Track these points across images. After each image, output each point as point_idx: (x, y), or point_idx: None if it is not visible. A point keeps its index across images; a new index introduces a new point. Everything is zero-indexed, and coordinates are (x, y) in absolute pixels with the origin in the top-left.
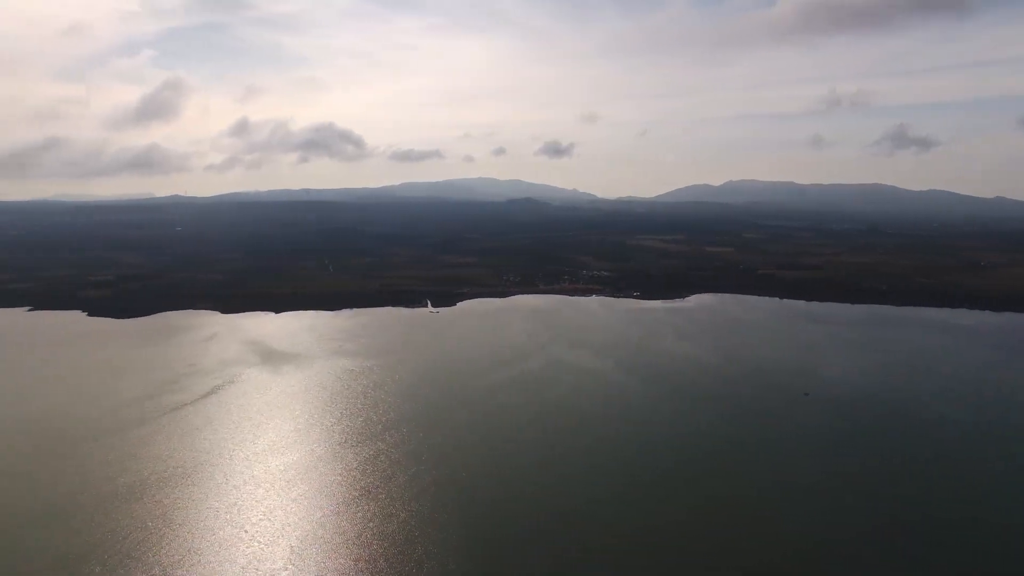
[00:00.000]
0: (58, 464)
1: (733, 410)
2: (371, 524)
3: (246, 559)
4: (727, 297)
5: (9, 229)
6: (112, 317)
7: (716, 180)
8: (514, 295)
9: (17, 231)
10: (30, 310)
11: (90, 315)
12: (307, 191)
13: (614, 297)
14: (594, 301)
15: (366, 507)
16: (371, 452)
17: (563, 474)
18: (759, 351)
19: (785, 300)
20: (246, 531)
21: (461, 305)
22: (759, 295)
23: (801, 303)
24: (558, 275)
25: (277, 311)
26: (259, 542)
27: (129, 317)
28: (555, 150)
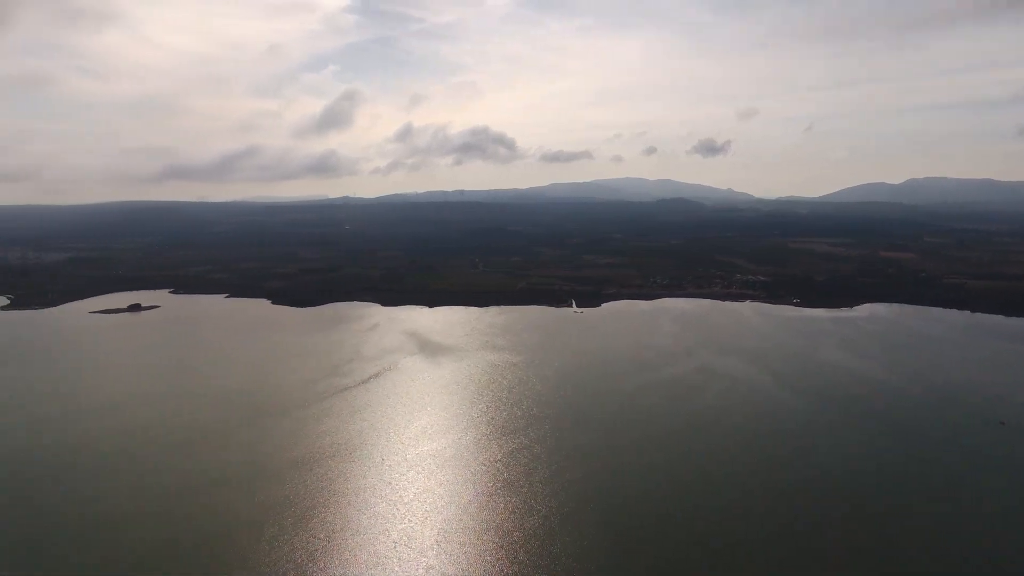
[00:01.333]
0: (246, 434)
1: (913, 437)
2: (512, 516)
3: (399, 534)
4: (905, 308)
5: (215, 226)
6: (290, 306)
7: (895, 178)
8: (661, 298)
9: (220, 228)
10: (227, 297)
11: (273, 303)
12: (460, 192)
13: (770, 303)
14: (748, 307)
15: (508, 499)
16: (514, 446)
17: (703, 484)
18: (945, 371)
19: (977, 314)
20: (399, 508)
21: (606, 306)
22: (944, 307)
23: (999, 318)
24: (709, 278)
25: (431, 305)
26: (410, 520)
27: (304, 306)
28: (709, 148)
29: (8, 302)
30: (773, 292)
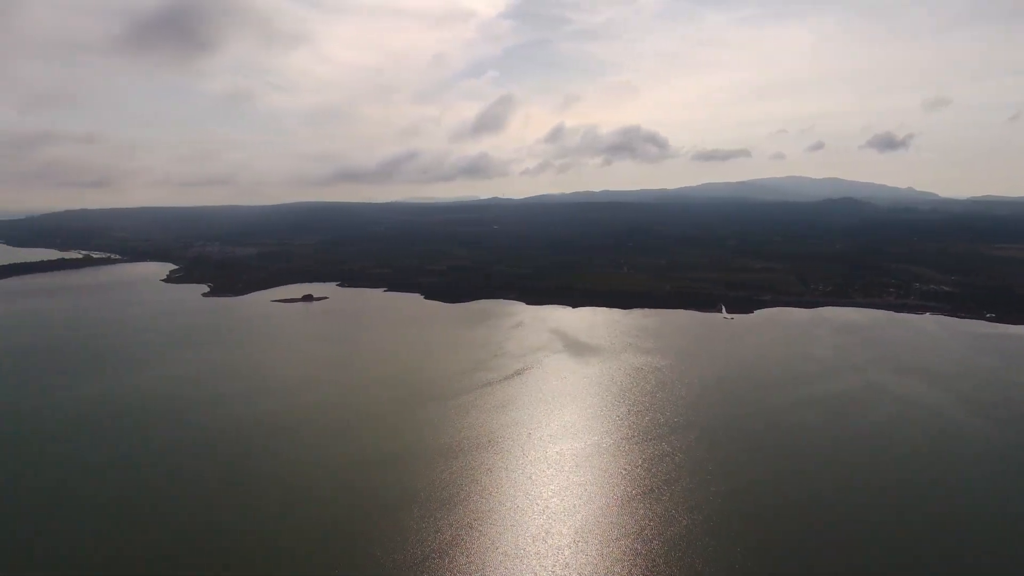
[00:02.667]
0: (398, 419)
1: None
2: (651, 524)
3: (536, 529)
4: None
5: (376, 225)
6: (441, 301)
7: None
8: (823, 306)
9: (381, 227)
10: (385, 291)
11: (426, 298)
12: (607, 192)
13: (957, 317)
14: (929, 320)
15: (648, 506)
16: (656, 452)
17: (864, 512)
18: None
19: None
20: (537, 504)
21: (759, 313)
22: None
23: None
24: (881, 287)
25: (574, 305)
26: (548, 516)
27: (454, 302)
28: (887, 143)
29: (208, 289)
30: (960, 304)
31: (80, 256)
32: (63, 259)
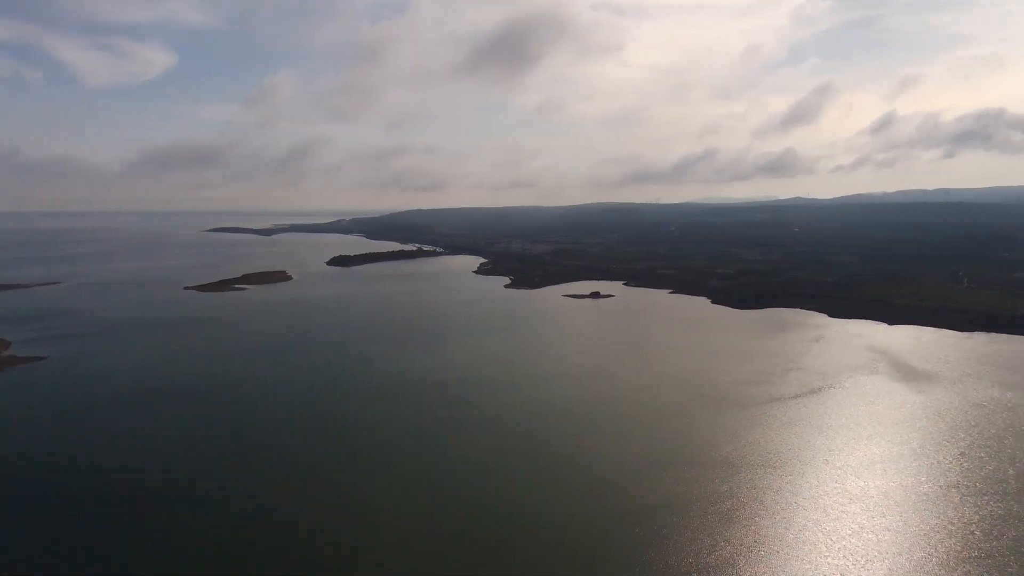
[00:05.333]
0: (678, 423)
1: None
2: None
3: (829, 569)
4: None
5: (665, 226)
6: (729, 306)
7: None
8: None
9: (669, 228)
10: (671, 292)
11: (713, 302)
12: (945, 191)
13: None
14: None
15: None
16: (1000, 511)
17: None
18: None
19: None
20: (832, 540)
21: None
22: None
23: None
24: None
25: (890, 322)
26: (844, 556)
27: (743, 308)
28: None
29: (509, 281)
30: None
31: (414, 248)
32: (402, 250)
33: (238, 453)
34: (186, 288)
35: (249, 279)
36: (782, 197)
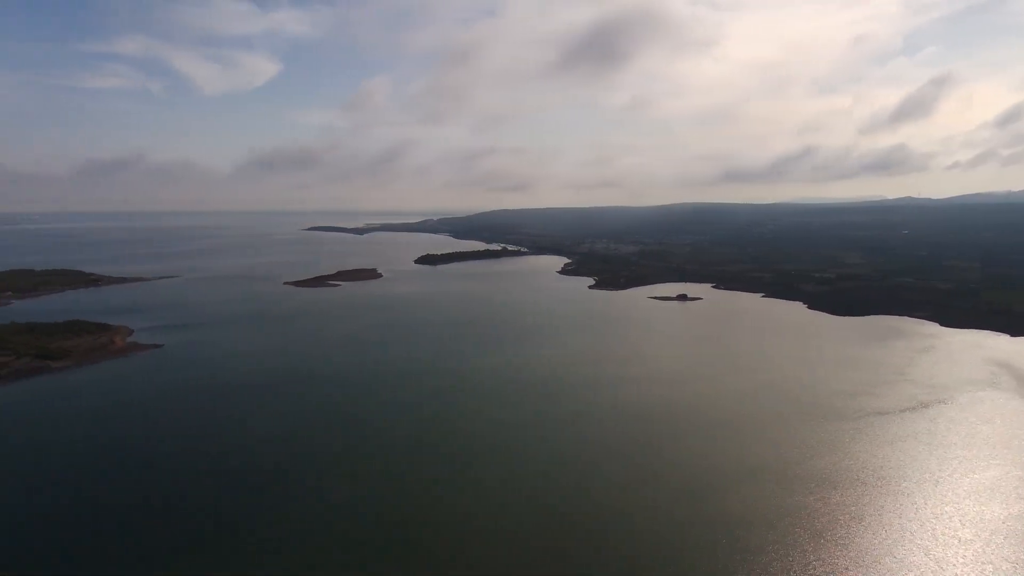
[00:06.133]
0: (772, 432)
1: None
2: None
3: None
4: None
5: (759, 227)
6: (828, 312)
7: None
8: None
9: (764, 229)
10: (763, 296)
11: (809, 307)
12: None
13: None
14: None
15: None
16: None
17: None
18: None
19: None
20: (943, 570)
21: None
22: None
23: None
24: None
25: (1013, 333)
26: None
27: (843, 315)
28: None
29: (594, 282)
30: None
31: (499, 248)
32: (488, 250)
33: (338, 440)
34: (285, 283)
35: (342, 276)
36: (890, 197)
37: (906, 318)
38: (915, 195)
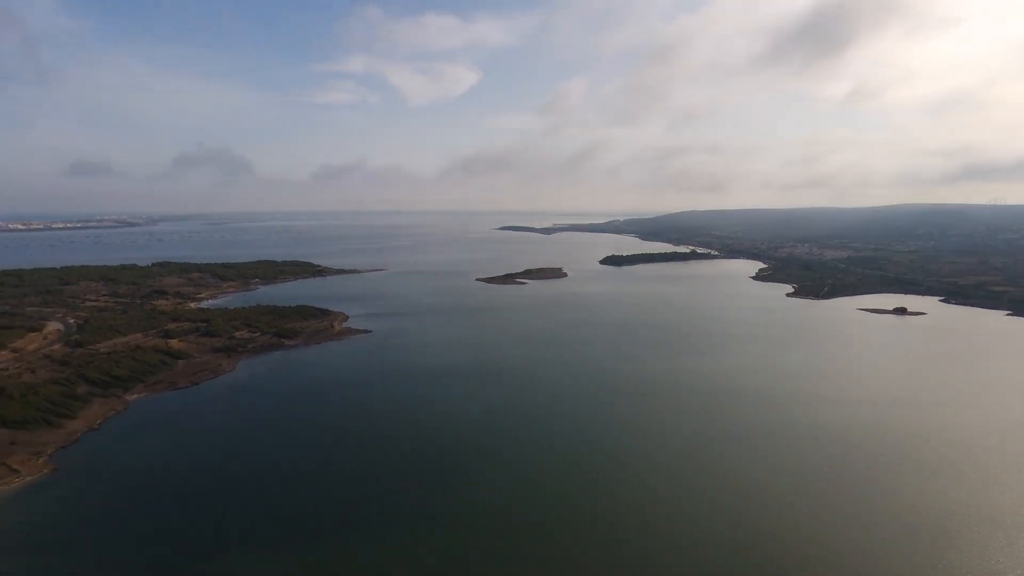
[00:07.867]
0: (1016, 477)
1: None
2: None
3: None
4: None
5: (1006, 232)
6: None
7: None
8: None
9: (1016, 234)
10: (1009, 314)
11: None
12: None
13: None
14: None
15: None
16: None
17: None
18: None
19: None
20: None
21: None
22: None
23: None
24: None
25: None
26: None
27: None
28: None
29: (792, 290)
30: None
31: (687, 251)
32: (675, 252)
33: (521, 433)
34: (476, 279)
35: (530, 274)
36: None
37: None
38: None
